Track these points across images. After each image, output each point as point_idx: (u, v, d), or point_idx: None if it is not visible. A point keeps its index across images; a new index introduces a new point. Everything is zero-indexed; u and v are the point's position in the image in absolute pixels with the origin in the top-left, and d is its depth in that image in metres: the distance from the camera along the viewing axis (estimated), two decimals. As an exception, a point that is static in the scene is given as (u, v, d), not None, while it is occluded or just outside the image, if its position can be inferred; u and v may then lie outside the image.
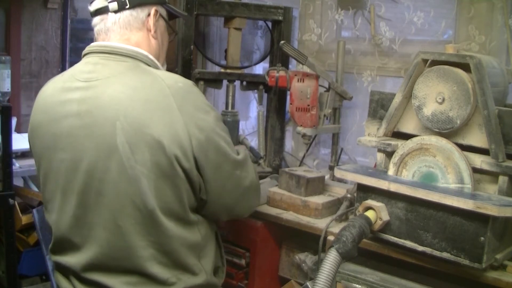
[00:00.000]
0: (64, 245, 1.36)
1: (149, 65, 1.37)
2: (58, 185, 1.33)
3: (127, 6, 1.37)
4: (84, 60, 1.38)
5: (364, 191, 1.53)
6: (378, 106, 1.67)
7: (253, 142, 2.41)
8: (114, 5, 1.36)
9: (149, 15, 1.41)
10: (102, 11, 1.38)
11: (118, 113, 1.24)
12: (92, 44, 1.41)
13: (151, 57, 1.39)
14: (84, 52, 1.40)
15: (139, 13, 1.39)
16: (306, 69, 1.95)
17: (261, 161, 2.18)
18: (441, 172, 1.44)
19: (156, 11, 1.42)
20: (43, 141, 1.35)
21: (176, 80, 1.32)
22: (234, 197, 1.42)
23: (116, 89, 1.27)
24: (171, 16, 1.56)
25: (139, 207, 1.25)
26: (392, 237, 1.48)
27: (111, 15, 1.37)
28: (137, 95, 1.26)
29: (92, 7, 1.40)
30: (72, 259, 1.34)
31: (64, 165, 1.30)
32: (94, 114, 1.27)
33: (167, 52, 1.53)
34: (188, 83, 1.34)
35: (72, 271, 1.35)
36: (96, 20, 1.40)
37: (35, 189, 3.15)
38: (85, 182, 1.27)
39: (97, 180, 1.26)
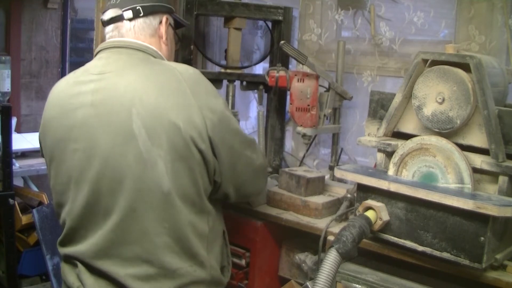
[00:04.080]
0: (75, 235, 1.37)
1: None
2: (71, 176, 1.35)
3: (141, 14, 1.45)
4: (97, 57, 1.44)
5: (364, 191, 1.53)
6: (378, 106, 1.67)
7: (253, 142, 2.40)
8: (129, 14, 1.44)
9: (160, 22, 1.50)
10: (117, 19, 1.45)
11: (133, 100, 1.29)
12: (104, 42, 1.47)
13: (159, 52, 1.48)
14: (96, 50, 1.46)
15: (152, 21, 1.48)
16: (306, 69, 1.95)
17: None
18: (441, 172, 1.44)
19: (167, 19, 1.52)
20: (56, 134, 1.38)
21: (187, 67, 1.40)
22: (244, 177, 1.47)
23: (130, 78, 1.33)
24: (177, 25, 1.64)
25: (154, 191, 1.28)
26: (392, 237, 1.48)
27: (126, 22, 1.45)
28: (151, 81, 1.32)
29: (106, 16, 1.47)
30: (82, 247, 1.35)
31: (78, 155, 1.33)
32: (109, 102, 1.31)
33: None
34: (197, 71, 1.41)
35: (81, 260, 1.35)
36: (109, 28, 1.48)
37: (35, 189, 3.15)
38: (99, 169, 1.30)
39: (111, 166, 1.29)
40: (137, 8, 1.45)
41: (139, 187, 1.28)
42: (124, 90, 1.31)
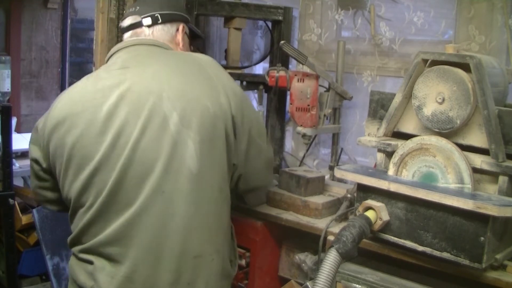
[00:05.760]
0: (95, 226, 1.34)
1: None
2: (96, 169, 1.32)
3: (159, 21, 1.52)
4: (114, 56, 1.47)
5: (364, 191, 1.53)
6: (378, 106, 1.67)
7: (253, 142, 2.40)
8: (148, 20, 1.51)
9: (177, 30, 1.57)
10: (136, 26, 1.52)
11: (162, 85, 1.34)
12: (119, 43, 1.51)
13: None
14: (111, 51, 1.48)
15: (169, 28, 1.55)
16: (306, 69, 1.95)
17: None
18: (441, 172, 1.44)
19: (183, 27, 1.58)
20: (80, 130, 1.34)
21: (205, 56, 1.50)
22: (253, 165, 1.50)
23: (154, 67, 1.40)
24: (192, 35, 1.70)
25: (184, 172, 1.31)
26: (392, 237, 1.49)
27: (144, 29, 1.52)
28: (176, 68, 1.40)
29: (125, 23, 1.54)
30: (103, 236, 1.32)
31: (104, 147, 1.31)
32: (137, 91, 1.34)
33: None
34: (214, 60, 1.50)
35: (100, 252, 1.32)
36: (127, 34, 1.54)
37: (35, 189, 3.14)
38: (128, 155, 1.30)
39: (140, 150, 1.30)
40: (156, 15, 1.51)
41: (169, 168, 1.30)
42: (151, 77, 1.36)
